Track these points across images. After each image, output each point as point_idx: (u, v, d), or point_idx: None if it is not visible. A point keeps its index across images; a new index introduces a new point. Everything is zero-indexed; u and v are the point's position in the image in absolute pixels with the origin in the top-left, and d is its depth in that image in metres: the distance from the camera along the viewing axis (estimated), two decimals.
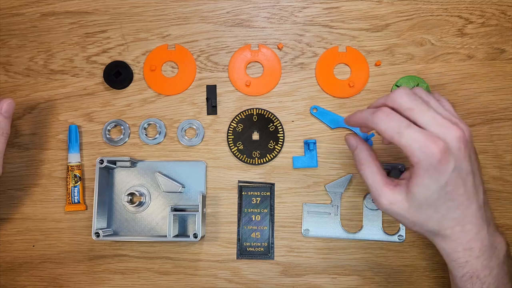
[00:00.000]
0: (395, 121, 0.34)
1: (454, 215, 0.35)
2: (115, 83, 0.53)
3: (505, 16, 0.52)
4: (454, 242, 0.36)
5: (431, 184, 0.34)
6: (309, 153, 0.50)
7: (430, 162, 0.33)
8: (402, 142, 0.33)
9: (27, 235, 0.53)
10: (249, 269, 0.51)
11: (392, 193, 0.36)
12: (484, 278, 0.36)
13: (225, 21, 0.54)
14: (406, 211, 0.36)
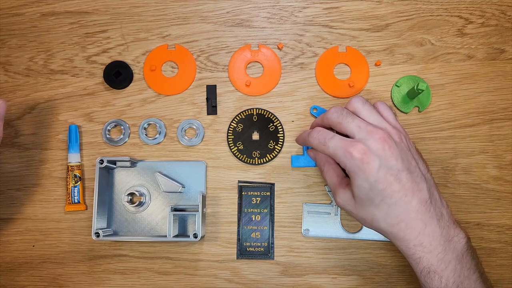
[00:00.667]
0: (322, 135, 0.40)
1: (396, 212, 0.38)
2: (115, 83, 0.53)
3: (505, 16, 0.52)
4: (403, 239, 0.38)
5: (362, 184, 0.37)
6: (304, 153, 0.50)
7: (354, 165, 0.37)
8: (329, 152, 0.39)
9: (27, 235, 0.53)
10: (249, 269, 0.51)
11: (343, 192, 0.41)
12: (441, 272, 0.37)
13: (225, 21, 0.54)
14: (354, 208, 0.40)
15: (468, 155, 0.51)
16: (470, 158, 0.51)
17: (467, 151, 0.51)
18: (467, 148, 0.51)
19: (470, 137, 0.51)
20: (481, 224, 0.50)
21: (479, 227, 0.50)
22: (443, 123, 0.51)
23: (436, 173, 0.51)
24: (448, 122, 0.51)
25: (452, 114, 0.51)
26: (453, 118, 0.51)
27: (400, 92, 0.52)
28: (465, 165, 0.51)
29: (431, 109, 0.52)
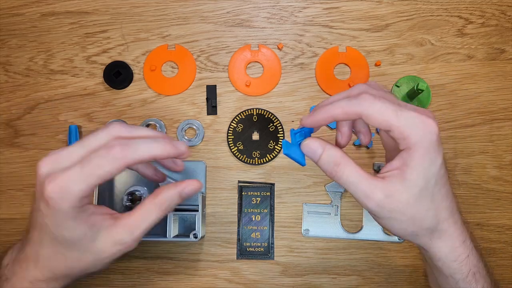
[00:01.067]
0: (389, 102, 0.30)
1: (447, 203, 0.32)
2: (115, 83, 0.53)
3: (505, 16, 0.52)
4: (451, 236, 0.33)
5: (431, 166, 0.30)
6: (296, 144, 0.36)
7: (431, 140, 0.30)
8: (400, 122, 0.30)
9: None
10: (249, 269, 0.51)
11: (386, 184, 0.31)
12: (482, 271, 0.34)
13: (225, 21, 0.54)
14: (405, 203, 0.31)
15: (468, 155, 0.51)
16: (470, 158, 0.51)
17: (467, 151, 0.51)
18: (467, 148, 0.51)
19: (470, 137, 0.51)
20: (481, 224, 0.50)
21: (479, 227, 0.50)
22: (443, 123, 0.51)
23: None
24: (448, 122, 0.51)
25: (452, 114, 0.51)
26: (453, 118, 0.51)
27: (400, 92, 0.52)
28: (465, 165, 0.51)
29: (431, 109, 0.52)
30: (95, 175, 0.30)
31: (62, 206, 0.30)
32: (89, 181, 0.30)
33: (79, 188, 0.30)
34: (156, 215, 0.34)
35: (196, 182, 0.35)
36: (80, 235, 0.32)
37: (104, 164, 0.30)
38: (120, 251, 0.33)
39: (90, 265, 0.34)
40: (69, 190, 0.30)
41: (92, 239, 0.33)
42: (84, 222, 0.32)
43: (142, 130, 0.34)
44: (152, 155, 0.32)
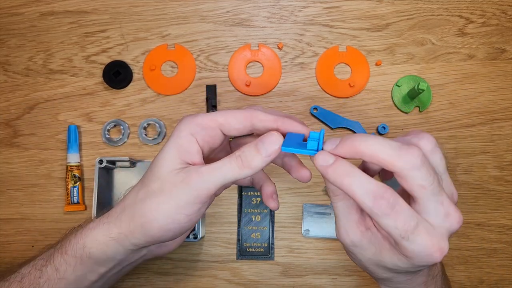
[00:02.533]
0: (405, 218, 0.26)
1: None
2: (115, 83, 0.53)
3: (506, 16, 0.52)
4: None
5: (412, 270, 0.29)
6: None
7: (425, 264, 0.28)
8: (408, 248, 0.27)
9: (26, 235, 0.52)
10: (249, 269, 0.51)
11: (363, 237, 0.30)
12: None
13: (225, 21, 0.54)
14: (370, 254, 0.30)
15: (469, 155, 0.51)
16: (471, 158, 0.51)
17: (468, 151, 0.51)
18: (468, 148, 0.51)
19: (471, 137, 0.51)
20: (481, 224, 0.50)
21: (479, 228, 0.50)
22: (444, 123, 0.51)
23: None
24: (448, 122, 0.51)
25: (453, 114, 0.51)
26: (454, 118, 0.51)
27: (400, 92, 0.52)
28: (466, 165, 0.51)
29: (432, 109, 0.51)
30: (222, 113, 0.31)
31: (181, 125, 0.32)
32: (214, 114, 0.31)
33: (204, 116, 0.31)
34: (231, 164, 0.30)
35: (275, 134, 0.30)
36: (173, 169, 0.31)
37: (234, 109, 0.32)
38: (196, 197, 0.31)
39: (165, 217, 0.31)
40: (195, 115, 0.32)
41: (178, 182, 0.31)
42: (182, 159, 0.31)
43: None
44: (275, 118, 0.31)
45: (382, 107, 0.52)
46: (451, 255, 0.50)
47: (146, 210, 0.32)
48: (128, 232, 0.33)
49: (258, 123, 0.31)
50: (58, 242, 0.37)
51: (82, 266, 0.34)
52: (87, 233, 0.34)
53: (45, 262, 0.36)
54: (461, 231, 0.50)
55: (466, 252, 0.50)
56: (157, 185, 0.32)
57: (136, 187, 0.33)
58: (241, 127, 0.31)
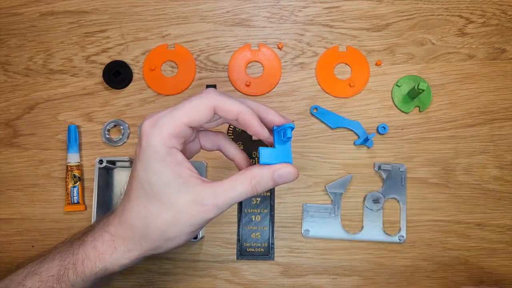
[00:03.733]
0: None
1: None
2: (115, 83, 0.53)
3: (506, 16, 0.52)
4: None
5: None
6: (281, 144, 0.34)
7: None
8: None
9: (26, 235, 0.52)
10: (249, 269, 0.51)
11: None
12: None
13: (225, 21, 0.54)
14: None
15: (469, 155, 0.51)
16: (471, 158, 0.51)
17: (468, 151, 0.51)
18: (468, 148, 0.51)
19: (471, 137, 0.51)
20: (482, 224, 0.50)
21: (480, 228, 0.50)
22: (444, 123, 0.51)
23: (437, 173, 0.50)
24: (449, 122, 0.51)
25: (453, 114, 0.51)
26: (454, 118, 0.51)
27: (400, 92, 0.52)
28: (466, 165, 0.51)
29: (432, 109, 0.51)
30: (184, 109, 0.31)
31: (152, 139, 0.31)
32: (178, 115, 0.31)
33: (169, 122, 0.31)
34: (244, 188, 0.32)
35: (292, 167, 0.32)
36: (165, 180, 0.31)
37: (193, 99, 0.32)
38: (200, 213, 0.32)
39: (167, 225, 0.32)
40: (160, 123, 0.31)
41: (175, 191, 0.32)
42: (171, 168, 0.31)
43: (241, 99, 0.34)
44: (239, 110, 0.32)
45: (382, 107, 0.52)
46: (451, 255, 0.50)
47: (159, 232, 0.33)
48: (142, 252, 0.34)
49: (221, 113, 0.32)
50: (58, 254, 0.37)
51: (98, 281, 0.36)
52: (102, 257, 0.34)
53: (56, 281, 0.35)
54: (461, 231, 0.50)
55: (466, 252, 0.50)
56: (169, 211, 0.32)
57: (137, 205, 0.33)
58: (207, 119, 0.32)
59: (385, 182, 0.50)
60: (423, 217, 0.50)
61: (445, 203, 0.50)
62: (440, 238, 0.50)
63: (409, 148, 0.51)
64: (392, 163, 0.51)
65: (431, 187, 0.50)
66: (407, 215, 0.50)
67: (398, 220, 0.50)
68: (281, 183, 0.32)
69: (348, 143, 0.51)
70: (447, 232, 0.50)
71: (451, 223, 0.50)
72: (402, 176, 0.50)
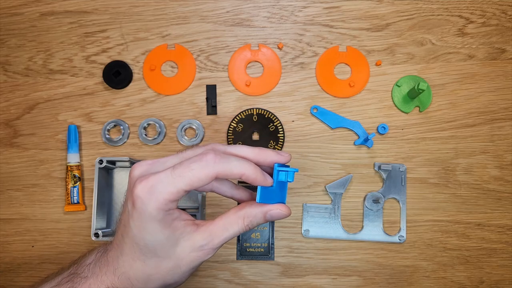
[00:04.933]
0: None
1: None
2: (115, 83, 0.53)
3: (506, 16, 0.52)
4: None
5: None
6: (279, 183, 0.35)
7: None
8: None
9: (26, 235, 0.52)
10: (249, 269, 0.51)
11: None
12: None
13: (225, 21, 0.54)
14: None
15: (469, 155, 0.51)
16: (471, 158, 0.51)
17: (468, 151, 0.51)
18: (468, 148, 0.51)
19: (471, 137, 0.51)
20: (482, 224, 0.50)
21: (480, 228, 0.50)
22: (444, 123, 0.51)
23: (437, 173, 0.50)
24: (449, 122, 0.51)
25: (453, 114, 0.51)
26: (454, 118, 0.51)
27: (400, 92, 0.52)
28: (466, 165, 0.51)
29: (432, 109, 0.51)
30: (185, 178, 0.30)
31: (149, 206, 0.30)
32: (178, 183, 0.29)
33: (167, 190, 0.29)
34: (238, 228, 0.33)
35: (285, 207, 0.34)
36: (162, 239, 0.31)
37: (194, 168, 0.30)
38: (198, 258, 0.33)
39: (168, 274, 0.33)
40: (157, 190, 0.29)
41: (173, 244, 0.32)
42: (167, 227, 0.31)
43: (239, 149, 0.33)
44: (241, 172, 0.31)
45: (382, 107, 0.52)
46: (451, 255, 0.50)
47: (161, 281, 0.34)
48: None
49: (223, 178, 0.32)
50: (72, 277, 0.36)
51: None
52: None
53: None
54: (461, 231, 0.50)
55: (466, 252, 0.50)
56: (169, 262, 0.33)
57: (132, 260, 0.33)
58: (206, 185, 0.31)
59: (385, 182, 0.50)
60: (423, 217, 0.50)
61: (445, 203, 0.50)
62: (440, 238, 0.50)
63: (409, 148, 0.51)
64: (392, 163, 0.51)
65: (431, 187, 0.50)
66: (407, 215, 0.50)
67: (398, 220, 0.50)
68: (272, 220, 0.34)
69: (348, 143, 0.51)
70: (447, 232, 0.50)
71: (451, 223, 0.50)
72: (402, 176, 0.50)
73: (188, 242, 0.32)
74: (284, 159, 0.34)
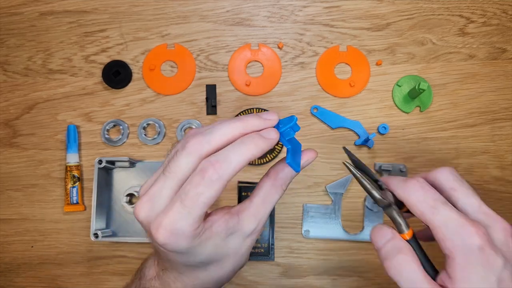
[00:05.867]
0: (431, 194, 0.28)
1: None
2: (114, 82, 0.53)
3: (507, 16, 0.52)
4: None
5: (479, 281, 0.25)
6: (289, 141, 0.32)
7: (468, 248, 0.25)
8: (435, 221, 0.27)
9: (26, 235, 0.52)
10: (249, 270, 0.50)
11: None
12: None
13: (225, 20, 0.53)
14: None
15: (470, 155, 0.50)
16: (472, 158, 0.50)
17: (469, 151, 0.51)
18: (469, 148, 0.51)
19: (472, 137, 0.51)
20: None
21: None
22: (445, 123, 0.51)
23: None
24: (449, 122, 0.51)
25: (454, 114, 0.51)
26: (455, 118, 0.51)
27: (401, 92, 0.51)
28: (467, 165, 0.50)
29: (433, 109, 0.51)
30: (199, 206, 0.28)
31: (180, 246, 0.28)
32: (194, 213, 0.28)
33: (188, 224, 0.28)
34: (278, 196, 0.32)
35: (309, 152, 0.32)
36: (211, 250, 0.30)
37: (203, 191, 0.28)
38: (253, 239, 0.32)
39: (233, 266, 0.33)
40: (180, 231, 0.28)
41: (224, 246, 0.31)
42: (208, 239, 0.30)
43: (222, 133, 0.29)
44: (246, 160, 0.29)
45: (382, 107, 0.52)
46: None
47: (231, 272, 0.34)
48: None
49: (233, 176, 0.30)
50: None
51: None
52: None
53: None
54: None
55: None
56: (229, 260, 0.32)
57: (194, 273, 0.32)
58: None
59: None
60: None
61: None
62: None
63: (410, 148, 0.51)
64: (393, 163, 0.50)
65: None
66: None
67: None
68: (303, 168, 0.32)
69: (348, 143, 0.51)
70: None
71: None
72: None
73: (237, 234, 0.31)
74: (270, 122, 0.31)
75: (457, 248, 0.26)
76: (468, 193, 0.29)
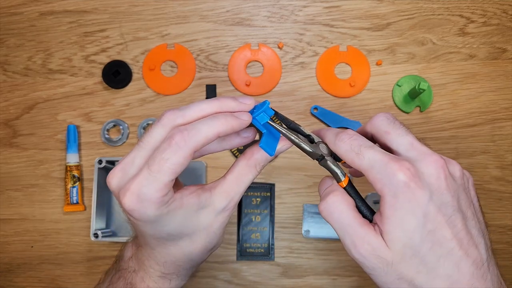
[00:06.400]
0: (357, 142, 0.28)
1: (446, 269, 0.26)
2: (114, 82, 0.53)
3: (507, 16, 0.52)
4: None
5: (405, 217, 0.26)
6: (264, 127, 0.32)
7: (395, 186, 0.26)
8: (362, 164, 0.27)
9: (26, 235, 0.52)
10: (249, 270, 0.50)
11: (373, 236, 0.27)
12: None
13: (225, 20, 0.53)
14: (386, 262, 0.26)
15: (470, 155, 0.50)
16: (472, 158, 0.50)
17: (469, 151, 0.51)
18: (469, 148, 0.51)
19: (472, 137, 0.51)
20: None
21: None
22: (445, 123, 0.51)
23: None
24: (449, 122, 0.51)
25: (454, 114, 0.51)
26: (455, 118, 0.51)
27: (401, 92, 0.51)
28: (467, 166, 0.50)
29: (433, 109, 0.51)
30: (165, 171, 0.28)
31: (148, 212, 0.28)
32: (160, 178, 0.28)
33: (154, 189, 0.28)
34: (252, 176, 0.32)
35: (283, 140, 0.32)
36: (181, 222, 0.31)
37: (169, 157, 0.28)
38: (225, 217, 0.32)
39: (204, 242, 0.33)
40: (146, 197, 0.28)
41: (195, 219, 0.31)
42: (178, 210, 0.30)
43: (197, 109, 0.30)
44: (215, 133, 0.29)
45: (382, 107, 0.52)
46: None
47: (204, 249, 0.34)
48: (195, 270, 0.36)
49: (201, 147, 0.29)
50: None
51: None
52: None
53: None
54: None
55: None
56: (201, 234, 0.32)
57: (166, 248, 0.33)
58: (189, 161, 0.29)
59: None
60: None
61: None
62: None
63: None
64: None
65: None
66: None
67: None
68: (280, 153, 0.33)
69: None
70: None
71: None
72: None
73: (208, 209, 0.32)
74: (246, 106, 0.31)
75: (385, 187, 0.26)
76: (400, 133, 0.30)
